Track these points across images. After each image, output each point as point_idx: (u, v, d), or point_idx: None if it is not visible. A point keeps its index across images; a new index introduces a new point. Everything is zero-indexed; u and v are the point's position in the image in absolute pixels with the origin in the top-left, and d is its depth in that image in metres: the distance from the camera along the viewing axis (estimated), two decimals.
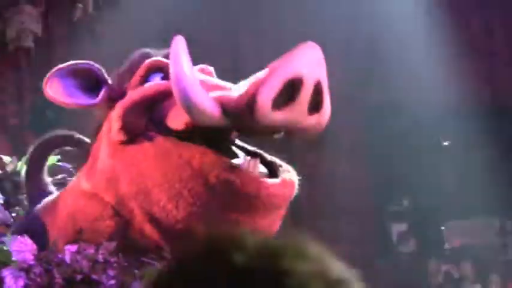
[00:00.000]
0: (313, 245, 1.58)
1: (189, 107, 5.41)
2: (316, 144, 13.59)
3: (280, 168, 5.84)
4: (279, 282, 1.48)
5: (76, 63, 6.57)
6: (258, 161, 5.82)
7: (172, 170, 5.85)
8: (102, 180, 6.24)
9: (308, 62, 5.31)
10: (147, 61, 6.38)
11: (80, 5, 9.08)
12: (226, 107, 5.40)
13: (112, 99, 6.26)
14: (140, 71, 6.35)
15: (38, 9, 9.08)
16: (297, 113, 5.29)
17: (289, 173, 5.83)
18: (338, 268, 1.58)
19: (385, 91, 15.97)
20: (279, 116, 5.26)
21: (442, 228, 17.20)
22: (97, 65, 6.53)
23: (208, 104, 5.39)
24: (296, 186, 5.84)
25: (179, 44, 5.49)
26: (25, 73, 9.34)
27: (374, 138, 15.28)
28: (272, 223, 5.94)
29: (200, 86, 5.45)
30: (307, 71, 5.22)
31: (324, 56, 5.42)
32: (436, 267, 15.73)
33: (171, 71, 5.56)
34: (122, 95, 6.27)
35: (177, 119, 5.74)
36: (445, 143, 18.36)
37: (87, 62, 6.57)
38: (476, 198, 15.74)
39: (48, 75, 6.32)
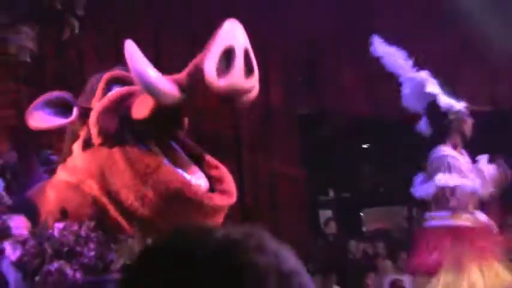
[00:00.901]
0: (268, 238, 1.51)
1: (153, 90, 5.63)
2: (259, 147, 13.58)
3: (223, 180, 6.23)
4: (238, 275, 1.42)
5: (49, 95, 6.75)
6: (202, 174, 6.14)
7: (139, 176, 6.00)
8: (81, 175, 6.34)
9: (235, 34, 5.62)
10: (106, 74, 6.55)
11: (68, 28, 9.09)
12: (181, 84, 5.66)
13: (83, 116, 6.39)
14: (101, 84, 6.50)
15: (33, 31, 9.08)
16: (237, 77, 5.58)
17: (228, 183, 6.17)
18: (291, 260, 1.51)
19: (315, 101, 15.93)
20: (224, 82, 5.53)
21: (361, 214, 17.22)
22: (66, 92, 6.75)
23: (167, 85, 5.63)
24: (235, 195, 6.17)
25: (130, 45, 5.67)
26: (22, 82, 9.35)
27: (306, 142, 15.23)
28: (216, 222, 6.08)
29: (158, 73, 5.67)
30: (236, 41, 5.54)
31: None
32: (355, 246, 15.65)
33: (131, 67, 5.70)
34: (89, 110, 6.38)
35: (140, 109, 5.90)
36: (364, 146, 18.43)
37: (58, 92, 6.80)
38: (389, 191, 15.86)
39: (27, 110, 6.54)
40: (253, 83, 5.77)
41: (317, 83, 15.28)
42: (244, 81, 5.65)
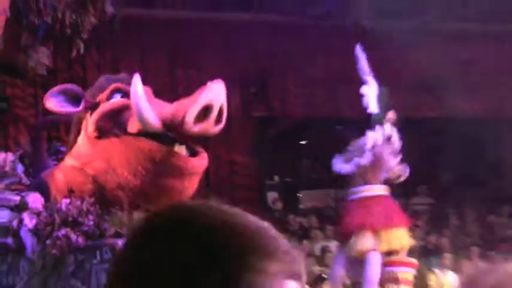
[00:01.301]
0: (226, 206, 1.33)
1: (141, 120, 5.76)
2: (222, 142, 13.58)
3: (198, 150, 6.16)
4: (188, 231, 1.24)
5: (64, 86, 6.80)
6: (184, 146, 6.08)
7: (132, 155, 6.03)
8: (85, 160, 6.35)
9: (216, 94, 5.72)
10: (112, 85, 6.51)
11: (75, 48, 9.06)
12: (164, 120, 5.76)
13: (88, 107, 6.37)
14: (107, 92, 6.47)
15: (48, 50, 9.05)
16: (208, 126, 5.79)
17: (203, 153, 6.16)
18: (252, 219, 1.33)
19: (265, 107, 16.03)
20: (197, 128, 5.73)
21: (299, 195, 17.24)
22: (76, 86, 6.77)
23: (153, 119, 5.75)
24: (206, 160, 6.21)
25: (137, 81, 5.74)
26: (39, 89, 9.28)
27: (260, 139, 15.31)
28: (193, 185, 6.19)
29: (149, 108, 5.78)
30: (216, 100, 5.67)
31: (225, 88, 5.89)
32: (293, 220, 15.59)
33: (132, 99, 5.80)
34: (94, 104, 6.38)
35: (133, 126, 5.95)
36: (302, 142, 18.42)
37: (71, 84, 6.88)
38: (321, 177, 15.90)
39: (46, 95, 6.52)
40: (219, 129, 5.94)
41: (266, 94, 15.37)
42: (213, 128, 5.84)
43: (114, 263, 1.29)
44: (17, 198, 6.18)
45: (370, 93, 8.85)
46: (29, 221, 5.81)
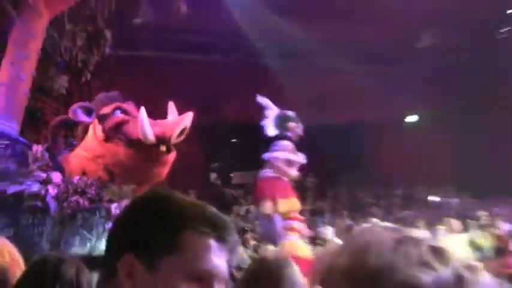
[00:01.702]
0: (181, 194, 1.25)
1: (143, 136, 5.93)
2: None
3: (172, 149, 6.28)
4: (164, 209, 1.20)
5: (81, 103, 6.85)
6: (165, 147, 6.21)
7: (131, 153, 6.20)
8: (96, 154, 6.44)
9: (188, 120, 6.09)
10: (114, 104, 6.61)
11: (84, 76, 8.99)
12: (157, 136, 5.99)
13: (96, 118, 6.51)
14: (111, 107, 6.56)
15: (67, 77, 8.97)
16: (181, 138, 6.14)
17: (173, 151, 6.30)
18: (196, 200, 1.26)
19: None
20: (177, 140, 6.12)
21: (232, 175, 16.88)
22: (89, 103, 6.83)
23: (150, 136, 5.94)
24: (175, 154, 6.35)
25: (143, 111, 5.95)
26: (61, 104, 9.15)
27: (204, 138, 14.86)
28: (166, 170, 6.41)
29: (150, 129, 5.93)
30: (188, 124, 6.08)
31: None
32: (227, 191, 15.12)
33: (139, 123, 5.94)
34: (100, 115, 6.51)
35: (134, 136, 6.10)
36: (233, 140, 18.42)
37: (84, 102, 6.93)
38: (247, 163, 15.56)
39: (70, 108, 6.68)
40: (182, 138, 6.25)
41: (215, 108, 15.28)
42: (181, 138, 6.21)
43: (114, 221, 1.29)
44: (44, 175, 6.18)
45: (271, 115, 8.37)
46: (52, 191, 5.82)
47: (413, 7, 12.30)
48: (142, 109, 6.05)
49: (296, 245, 7.36)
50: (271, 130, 8.30)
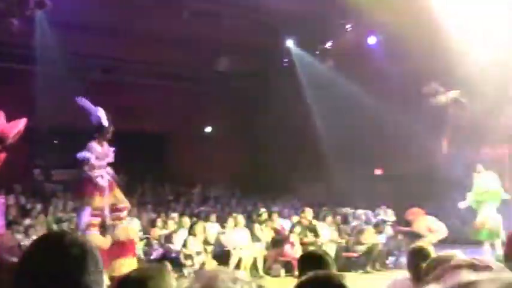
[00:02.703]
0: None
1: None
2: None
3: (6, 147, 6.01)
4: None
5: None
6: (1, 146, 6.06)
7: None
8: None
9: (21, 124, 6.06)
10: None
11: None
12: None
13: None
14: None
15: None
16: (15, 139, 5.97)
17: (5, 152, 6.08)
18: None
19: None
20: (11, 141, 5.91)
21: (53, 172, 15.92)
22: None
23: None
24: (5, 154, 6.12)
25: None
26: None
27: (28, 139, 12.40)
28: None
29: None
30: (21, 127, 6.07)
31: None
32: (48, 186, 14.84)
33: None
34: None
35: None
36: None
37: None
38: (68, 163, 12.87)
39: None
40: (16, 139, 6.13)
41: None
42: (14, 139, 6.10)
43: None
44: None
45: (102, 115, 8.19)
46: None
47: (212, 36, 13.48)
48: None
49: (96, 236, 7.63)
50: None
